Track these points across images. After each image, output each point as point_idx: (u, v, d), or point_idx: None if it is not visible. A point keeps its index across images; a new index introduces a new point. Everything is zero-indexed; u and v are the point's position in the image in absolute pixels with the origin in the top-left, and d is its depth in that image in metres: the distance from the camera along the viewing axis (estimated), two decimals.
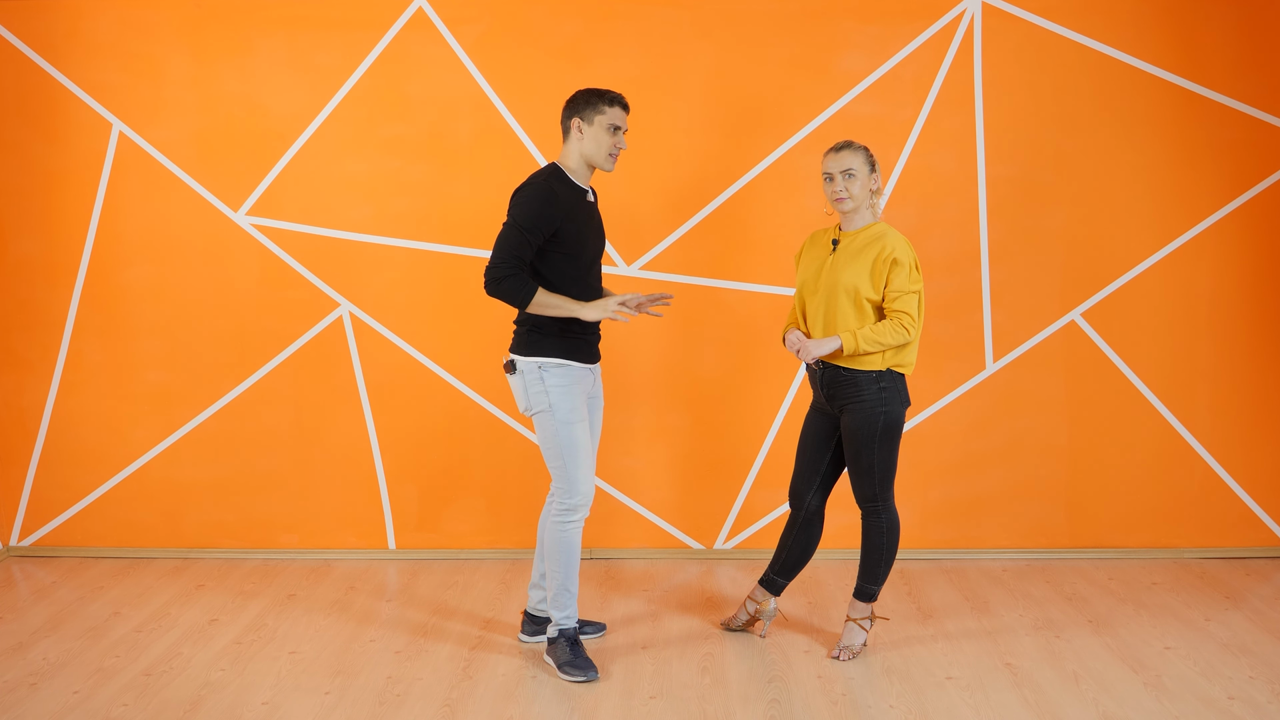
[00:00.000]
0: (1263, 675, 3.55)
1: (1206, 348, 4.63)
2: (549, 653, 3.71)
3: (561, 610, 3.70)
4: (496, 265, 3.52)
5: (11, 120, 4.71)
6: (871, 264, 3.56)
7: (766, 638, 3.90)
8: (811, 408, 3.83)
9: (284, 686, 3.57)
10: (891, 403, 3.62)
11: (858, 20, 4.54)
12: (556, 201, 3.54)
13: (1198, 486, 4.68)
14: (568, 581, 3.70)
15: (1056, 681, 3.53)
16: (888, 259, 3.55)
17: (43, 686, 3.59)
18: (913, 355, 3.65)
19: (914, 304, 3.57)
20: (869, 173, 3.60)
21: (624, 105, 3.64)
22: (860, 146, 3.62)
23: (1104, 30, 4.52)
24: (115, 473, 4.84)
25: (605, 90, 3.63)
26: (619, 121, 3.62)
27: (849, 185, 3.59)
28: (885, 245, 3.56)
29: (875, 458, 3.65)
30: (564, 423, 3.62)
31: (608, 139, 3.61)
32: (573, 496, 3.65)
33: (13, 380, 4.83)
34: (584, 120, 3.61)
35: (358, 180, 4.67)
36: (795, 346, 3.64)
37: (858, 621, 3.76)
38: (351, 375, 4.76)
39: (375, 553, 4.84)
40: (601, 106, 3.60)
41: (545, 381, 3.62)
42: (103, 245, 4.74)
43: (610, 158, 3.64)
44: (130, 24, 4.65)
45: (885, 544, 3.70)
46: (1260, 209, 4.57)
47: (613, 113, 3.61)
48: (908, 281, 3.55)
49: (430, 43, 4.61)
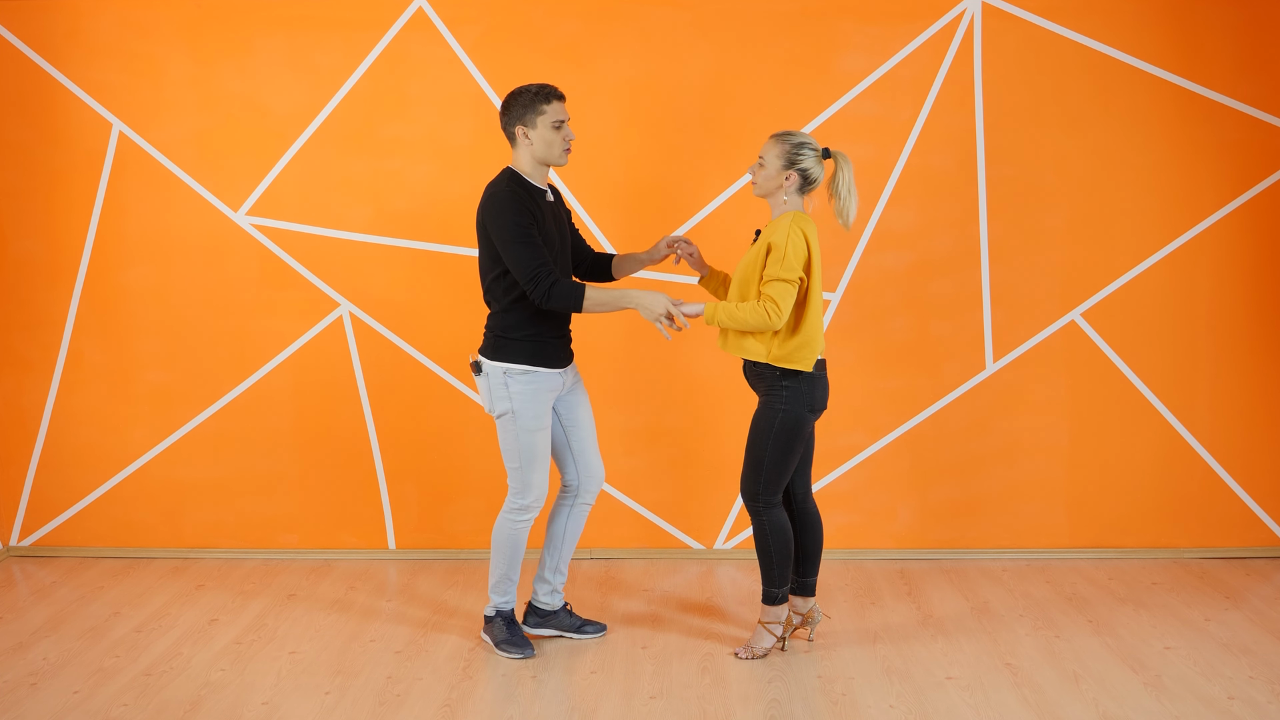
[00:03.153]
0: (1263, 675, 3.55)
1: (1207, 348, 4.63)
2: (486, 630, 3.87)
3: (501, 596, 3.85)
4: (536, 278, 3.51)
5: (11, 120, 4.71)
6: (764, 256, 3.58)
7: (815, 640, 3.88)
8: None
9: (284, 686, 3.57)
10: (792, 403, 3.60)
11: (858, 20, 4.54)
12: (523, 203, 3.56)
13: (1198, 486, 4.68)
14: (510, 572, 3.82)
15: (1056, 681, 3.53)
16: (766, 243, 3.55)
17: (43, 686, 3.59)
18: (807, 353, 3.58)
19: (782, 292, 3.50)
20: (781, 167, 3.58)
21: (559, 96, 3.61)
22: (784, 140, 3.59)
23: (1104, 30, 4.52)
24: (115, 473, 4.84)
25: (539, 87, 3.59)
26: (561, 115, 3.60)
27: (756, 173, 3.63)
28: (777, 232, 3.55)
29: (766, 454, 3.63)
30: (525, 429, 3.66)
31: (556, 136, 3.60)
32: (525, 497, 3.73)
33: (13, 380, 4.83)
34: (527, 125, 3.59)
35: (358, 180, 4.67)
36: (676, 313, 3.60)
37: (765, 625, 3.76)
38: (351, 375, 4.76)
39: (375, 553, 4.84)
40: (540, 106, 3.58)
41: (509, 387, 3.64)
42: (103, 245, 4.74)
43: (564, 153, 3.64)
44: (130, 24, 4.65)
45: (773, 545, 3.68)
46: (1260, 209, 4.58)
47: (553, 109, 3.59)
48: (780, 268, 3.49)
49: (430, 43, 4.61)
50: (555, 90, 3.62)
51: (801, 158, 3.59)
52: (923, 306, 4.64)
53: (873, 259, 4.63)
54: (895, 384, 4.68)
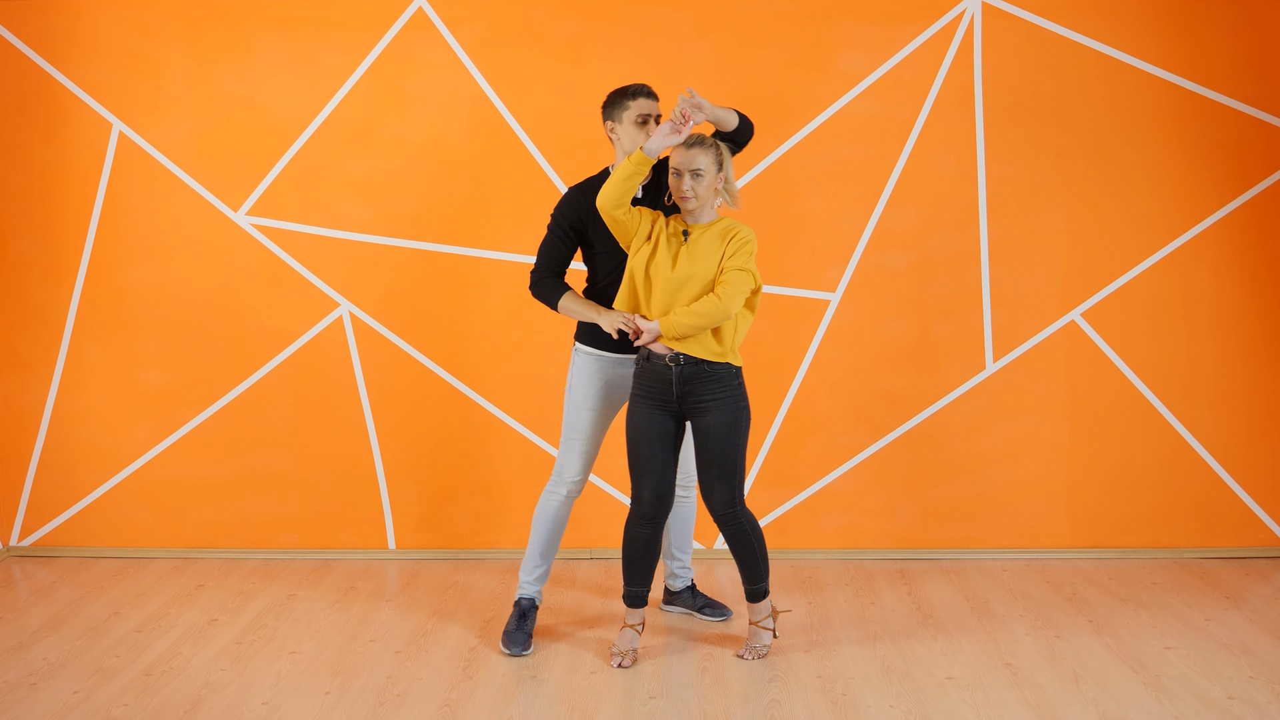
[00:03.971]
0: (1263, 675, 3.55)
1: (1207, 348, 4.63)
2: None
3: (527, 576, 3.93)
4: (534, 269, 3.79)
5: (11, 120, 4.71)
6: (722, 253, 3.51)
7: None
8: (642, 404, 3.62)
9: (284, 686, 3.57)
10: (745, 398, 3.61)
11: (858, 20, 4.54)
12: (575, 207, 3.70)
13: (1198, 486, 4.68)
14: (536, 548, 3.90)
15: (1056, 681, 3.53)
16: (739, 239, 3.51)
17: (43, 686, 3.59)
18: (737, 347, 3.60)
19: (740, 282, 3.47)
20: (716, 171, 3.54)
21: (649, 94, 3.68)
22: (711, 144, 3.53)
23: (1104, 30, 4.52)
24: (115, 473, 4.84)
25: (630, 85, 3.69)
26: (648, 110, 3.65)
27: (696, 185, 3.50)
28: (739, 230, 3.53)
29: (739, 458, 3.60)
30: (573, 404, 3.84)
31: (640, 132, 3.65)
32: (560, 473, 3.87)
33: (13, 380, 4.83)
34: (615, 121, 3.69)
35: (358, 180, 4.67)
36: (633, 327, 3.54)
37: (759, 624, 3.75)
38: (351, 375, 4.76)
39: (375, 553, 4.84)
40: (625, 102, 3.67)
41: (575, 361, 3.86)
42: (103, 245, 4.74)
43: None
44: (130, 24, 4.65)
45: (757, 542, 3.66)
46: (1260, 209, 4.57)
47: (637, 104, 3.65)
48: (746, 258, 3.48)
49: (430, 43, 4.61)
50: (645, 88, 3.67)
51: (723, 154, 3.56)
52: (923, 306, 4.64)
53: (873, 259, 4.63)
54: (895, 384, 4.68)
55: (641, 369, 3.63)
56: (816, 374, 4.68)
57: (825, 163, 4.60)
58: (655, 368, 3.58)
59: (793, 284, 4.65)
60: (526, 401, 4.73)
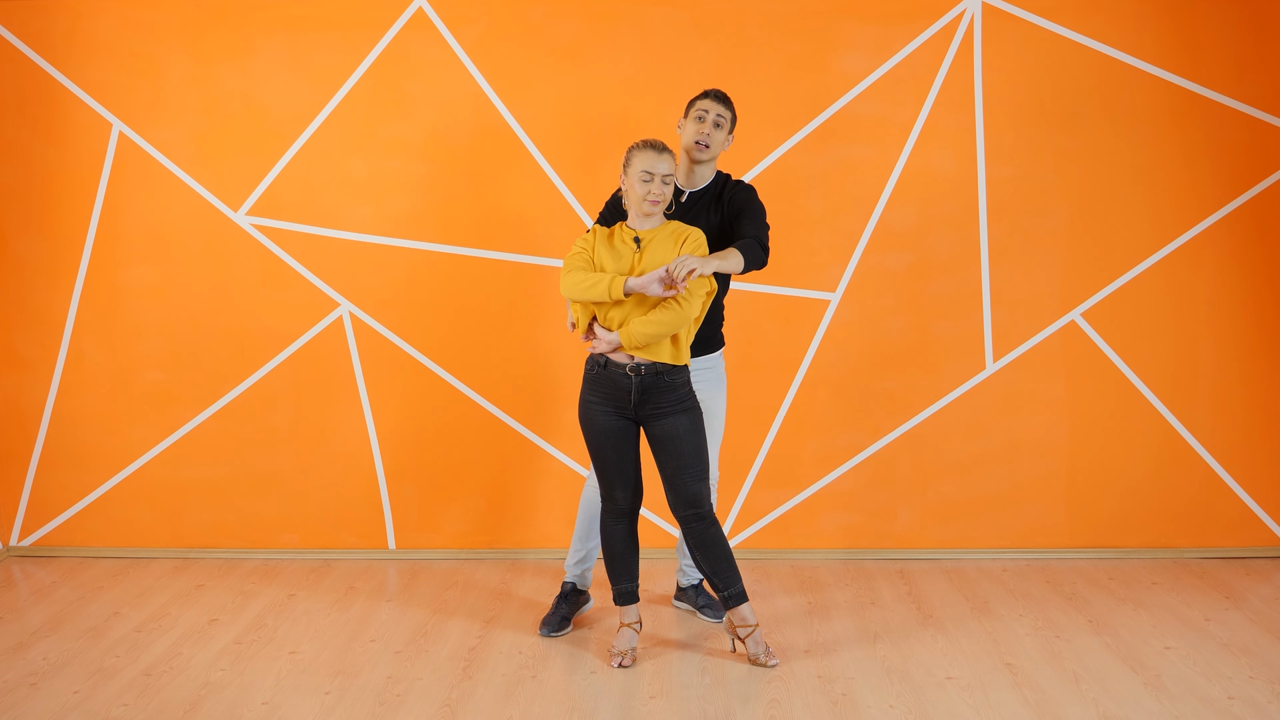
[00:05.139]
0: (1263, 675, 3.55)
1: (1206, 348, 4.63)
2: None
3: (569, 560, 4.10)
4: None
5: (11, 120, 4.71)
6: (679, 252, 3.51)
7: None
8: (600, 410, 3.61)
9: (284, 686, 3.57)
10: (694, 393, 3.63)
11: (858, 20, 4.54)
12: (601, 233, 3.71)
13: (1198, 486, 4.68)
14: (577, 533, 4.06)
15: (1056, 681, 3.53)
16: (691, 240, 3.52)
17: (43, 686, 3.59)
18: None
19: (697, 286, 3.50)
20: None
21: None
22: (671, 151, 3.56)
23: (1104, 30, 4.52)
24: (115, 473, 4.84)
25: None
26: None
27: (665, 191, 3.52)
28: (690, 232, 3.55)
29: (705, 456, 3.60)
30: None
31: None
32: None
33: (13, 380, 4.83)
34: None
35: (358, 180, 4.67)
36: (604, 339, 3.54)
37: (752, 626, 3.69)
38: (351, 375, 4.76)
39: (375, 553, 4.84)
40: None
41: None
42: (103, 245, 4.74)
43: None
44: (130, 24, 4.65)
45: (724, 539, 3.66)
46: (1260, 209, 4.57)
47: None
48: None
49: (430, 43, 4.61)
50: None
51: None
52: (923, 306, 4.64)
53: (873, 259, 4.63)
54: (895, 384, 4.68)
55: (597, 375, 3.62)
56: (816, 374, 4.68)
57: (825, 163, 4.60)
58: (613, 375, 3.58)
59: (792, 284, 4.65)
60: (526, 401, 4.73)
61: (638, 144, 3.57)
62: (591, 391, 3.65)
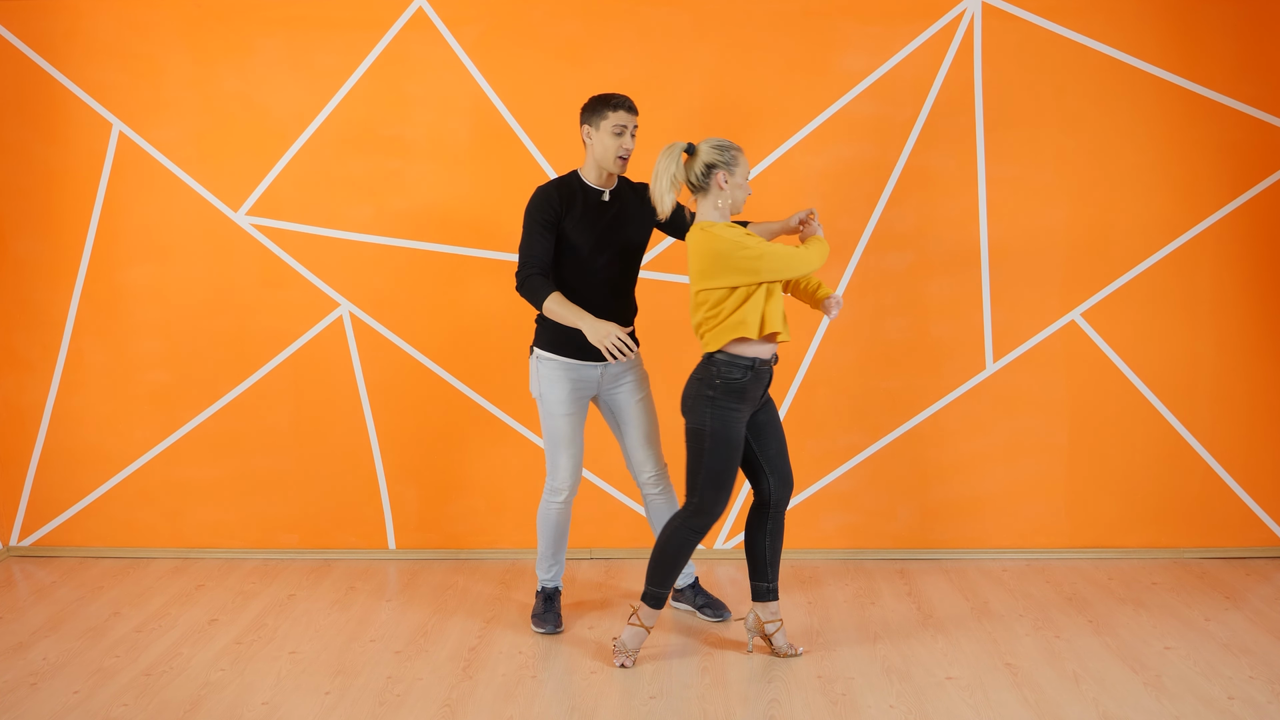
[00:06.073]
0: (1263, 675, 3.55)
1: (1207, 348, 4.63)
2: None
3: (544, 573, 4.09)
4: (520, 267, 3.80)
5: (11, 120, 4.71)
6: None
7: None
8: (739, 417, 3.54)
9: (284, 686, 3.57)
10: None
11: (858, 20, 4.54)
12: (548, 201, 3.78)
13: (1198, 486, 4.68)
14: (549, 550, 4.05)
15: (1056, 681, 3.53)
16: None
17: (43, 686, 3.59)
18: None
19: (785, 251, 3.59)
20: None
21: (630, 108, 3.78)
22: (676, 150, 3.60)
23: (1104, 30, 4.52)
24: (115, 473, 4.84)
25: (611, 95, 3.78)
26: (624, 123, 3.76)
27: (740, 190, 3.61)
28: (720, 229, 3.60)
29: None
30: (547, 413, 3.91)
31: (614, 142, 3.76)
32: (554, 479, 3.96)
33: (13, 380, 4.83)
34: (592, 126, 3.79)
35: (358, 180, 4.67)
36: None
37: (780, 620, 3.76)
38: (351, 375, 4.76)
39: (375, 553, 4.84)
40: (605, 111, 3.76)
41: (539, 370, 3.91)
42: (103, 245, 4.75)
43: (618, 160, 3.79)
44: (130, 24, 4.65)
45: None
46: (1260, 209, 4.57)
47: (616, 116, 3.75)
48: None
49: (430, 43, 4.61)
50: (627, 100, 3.77)
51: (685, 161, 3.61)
52: (923, 306, 4.64)
53: (872, 259, 4.63)
54: (895, 384, 4.68)
55: (747, 382, 3.50)
56: (816, 374, 4.68)
57: (825, 163, 4.60)
58: (761, 373, 3.54)
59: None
60: (526, 401, 4.73)
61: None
62: (738, 402, 3.51)
